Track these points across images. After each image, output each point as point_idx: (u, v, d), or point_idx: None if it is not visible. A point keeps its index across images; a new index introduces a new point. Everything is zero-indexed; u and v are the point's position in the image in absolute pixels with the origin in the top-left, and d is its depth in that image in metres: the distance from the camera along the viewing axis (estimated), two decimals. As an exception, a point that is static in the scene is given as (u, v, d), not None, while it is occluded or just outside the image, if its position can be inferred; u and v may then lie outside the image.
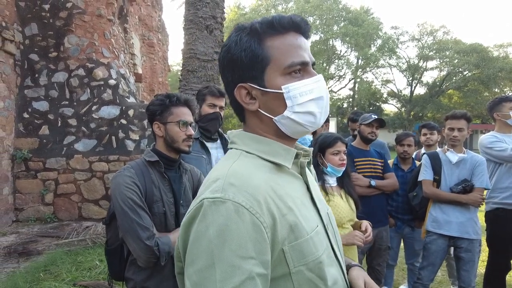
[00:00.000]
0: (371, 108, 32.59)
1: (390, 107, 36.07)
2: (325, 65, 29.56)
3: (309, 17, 27.58)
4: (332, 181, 2.19)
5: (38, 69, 5.49)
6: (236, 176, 0.68)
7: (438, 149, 2.92)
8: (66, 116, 5.42)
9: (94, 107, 5.46)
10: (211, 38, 4.56)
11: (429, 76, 43.52)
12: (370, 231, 2.03)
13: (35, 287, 3.21)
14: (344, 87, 33.89)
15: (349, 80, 32.54)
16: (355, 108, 28.74)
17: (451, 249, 2.88)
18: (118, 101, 5.50)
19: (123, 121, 5.41)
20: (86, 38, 5.63)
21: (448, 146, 2.71)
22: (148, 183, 1.51)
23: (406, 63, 31.13)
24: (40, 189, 5.29)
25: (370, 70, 31.23)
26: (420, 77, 31.57)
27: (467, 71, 28.30)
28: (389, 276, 3.28)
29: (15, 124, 5.31)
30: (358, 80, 30.58)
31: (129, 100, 5.64)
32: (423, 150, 3.68)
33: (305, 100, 0.73)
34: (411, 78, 31.35)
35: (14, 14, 5.37)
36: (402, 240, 3.26)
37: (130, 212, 1.40)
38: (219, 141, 2.35)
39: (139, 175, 1.50)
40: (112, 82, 5.55)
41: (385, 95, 33.87)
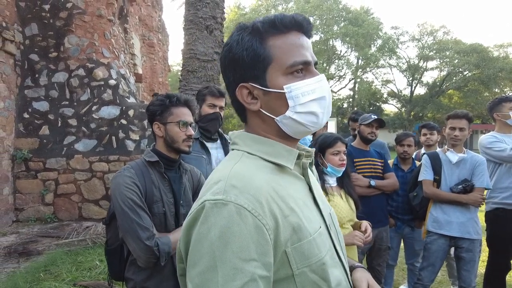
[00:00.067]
0: (371, 108, 32.59)
1: (390, 107, 36.14)
2: (325, 65, 29.54)
3: (309, 17, 27.50)
4: (332, 181, 2.19)
5: (38, 69, 5.49)
6: (238, 177, 0.68)
7: (438, 149, 2.92)
8: (66, 116, 5.43)
9: (94, 107, 5.46)
10: (211, 39, 4.56)
11: (429, 76, 43.52)
12: (370, 231, 2.03)
13: (35, 287, 3.21)
14: (344, 87, 33.91)
15: (349, 80, 32.57)
16: (355, 108, 28.71)
17: (452, 249, 2.88)
18: (118, 101, 5.50)
19: (123, 121, 5.42)
20: (86, 38, 5.63)
21: (448, 146, 2.71)
22: (148, 183, 1.51)
23: (406, 63, 31.13)
24: (40, 189, 5.30)
25: (370, 70, 31.23)
26: (420, 77, 31.57)
27: (467, 71, 28.29)
28: (389, 276, 3.27)
29: (15, 124, 5.31)
30: (358, 80, 30.56)
31: (129, 100, 5.65)
32: (423, 150, 3.68)
33: (307, 100, 0.72)
34: (411, 78, 31.35)
35: (14, 14, 5.37)
36: (402, 240, 3.25)
37: (130, 212, 1.40)
38: (219, 141, 2.35)
39: (139, 175, 1.50)
40: (112, 82, 5.56)
41: (385, 95, 33.89)
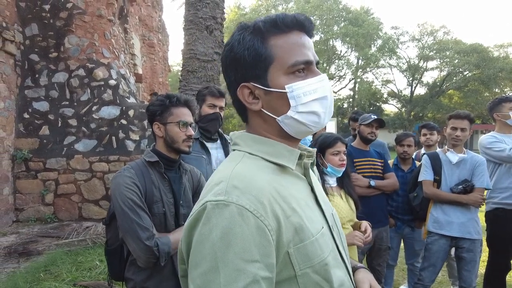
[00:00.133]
0: (371, 108, 32.59)
1: (390, 107, 36.12)
2: (325, 65, 29.54)
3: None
4: (332, 181, 2.19)
5: (39, 69, 5.50)
6: (239, 178, 0.67)
7: (438, 150, 2.92)
8: (66, 116, 5.43)
9: (94, 108, 5.46)
10: (211, 39, 4.56)
11: (430, 76, 43.65)
12: (369, 231, 2.03)
13: (35, 287, 3.21)
14: (344, 87, 33.88)
15: (349, 80, 32.54)
16: (355, 109, 28.70)
17: (452, 250, 2.88)
18: (118, 101, 5.50)
19: (123, 122, 5.42)
20: (86, 39, 5.63)
21: (448, 146, 2.71)
22: (148, 184, 1.51)
23: (406, 63, 31.11)
24: (40, 189, 5.30)
25: (370, 70, 31.21)
26: (421, 77, 31.55)
27: (467, 71, 28.27)
28: (389, 276, 3.27)
29: (15, 125, 5.31)
30: (359, 80, 30.55)
31: (129, 101, 5.65)
32: (423, 150, 3.68)
33: (309, 100, 0.72)
34: (411, 78, 31.33)
35: (15, 15, 5.37)
36: (402, 240, 3.26)
37: (130, 212, 1.41)
38: (219, 141, 2.36)
39: (139, 176, 1.50)
40: (112, 82, 5.56)
41: (385, 95, 33.87)
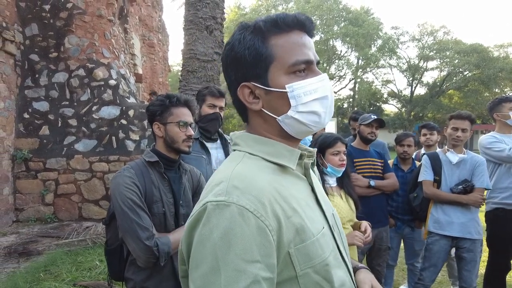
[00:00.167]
0: (371, 108, 32.59)
1: (391, 107, 36.13)
2: (325, 65, 29.54)
3: (310, 17, 27.55)
4: (332, 181, 2.19)
5: (39, 69, 5.50)
6: (239, 178, 0.67)
7: (438, 150, 2.92)
8: (66, 116, 5.43)
9: (94, 108, 5.46)
10: (211, 39, 4.55)
11: (430, 76, 43.68)
12: (369, 231, 2.03)
13: (35, 287, 3.21)
14: (345, 87, 33.89)
15: (350, 81, 32.56)
16: (355, 108, 28.71)
17: (452, 250, 2.88)
18: (118, 101, 5.50)
19: (123, 122, 5.42)
20: (86, 39, 5.63)
21: (448, 146, 2.71)
22: (148, 184, 1.51)
23: (406, 63, 31.13)
24: (40, 189, 5.30)
25: (370, 71, 31.23)
26: (421, 77, 31.56)
27: (467, 71, 28.27)
28: (389, 276, 3.28)
29: (15, 125, 5.31)
30: (359, 80, 30.56)
31: (129, 101, 5.65)
32: (423, 150, 3.68)
33: (309, 100, 0.72)
34: (411, 78, 31.34)
35: (15, 15, 5.37)
36: (402, 240, 3.26)
37: (130, 212, 1.41)
38: (219, 141, 2.36)
39: (138, 176, 1.50)
40: (112, 82, 5.56)
41: (385, 96, 33.88)
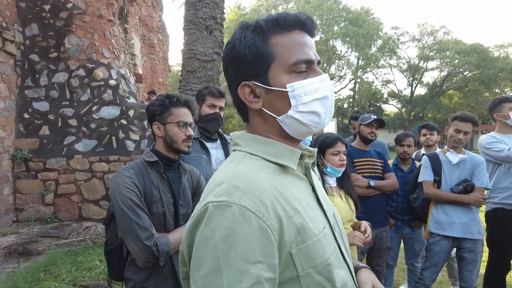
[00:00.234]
0: (371, 108, 32.59)
1: (391, 108, 36.13)
2: (325, 65, 29.54)
3: (310, 17, 27.57)
4: (331, 181, 2.19)
5: (39, 69, 5.50)
6: (240, 178, 0.67)
7: (438, 150, 2.92)
8: (66, 116, 5.43)
9: (94, 108, 5.46)
10: (211, 39, 4.55)
11: (430, 77, 43.77)
12: (369, 231, 2.03)
13: (35, 287, 3.21)
14: (345, 87, 33.89)
15: (350, 81, 32.56)
16: (355, 109, 28.72)
17: (453, 250, 2.87)
18: (118, 101, 5.50)
19: (124, 122, 5.42)
20: (86, 39, 5.64)
21: (448, 146, 2.71)
22: (148, 184, 1.51)
23: (406, 64, 31.15)
24: (41, 189, 5.30)
25: (370, 71, 31.24)
26: (421, 78, 31.57)
27: (467, 72, 28.28)
28: (389, 276, 3.27)
29: (15, 125, 5.32)
30: (359, 80, 30.56)
31: (129, 101, 5.65)
32: (423, 150, 3.68)
33: (310, 100, 0.71)
34: (411, 78, 31.35)
35: (15, 15, 5.37)
36: (402, 240, 3.25)
37: (129, 212, 1.41)
38: (219, 141, 2.36)
39: (138, 176, 1.50)
40: (112, 82, 5.56)
41: (385, 96, 33.89)
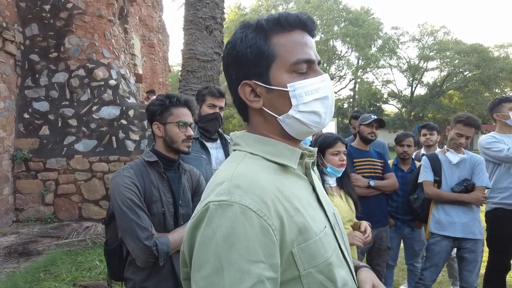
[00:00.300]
0: (371, 108, 32.58)
1: (391, 108, 36.12)
2: (325, 65, 29.53)
3: (310, 18, 27.60)
4: (331, 181, 2.19)
5: (39, 69, 5.50)
6: (241, 178, 0.66)
7: (438, 150, 2.92)
8: (66, 116, 5.43)
9: (94, 108, 5.46)
10: (211, 39, 4.55)
11: (430, 77, 43.73)
12: (369, 231, 2.03)
13: (35, 287, 3.21)
14: (345, 87, 33.88)
15: (350, 81, 32.55)
16: (355, 109, 28.71)
17: (453, 250, 2.87)
18: (118, 101, 5.50)
19: (124, 122, 5.42)
20: (86, 39, 5.64)
21: (448, 147, 2.70)
22: (147, 183, 1.51)
23: (406, 64, 31.14)
24: (41, 189, 5.30)
25: (370, 71, 31.23)
26: (421, 78, 31.57)
27: (467, 72, 28.28)
28: (389, 276, 3.27)
29: (15, 125, 5.32)
30: (359, 80, 30.56)
31: (129, 101, 5.65)
32: (422, 150, 3.68)
33: (310, 99, 0.72)
34: (411, 78, 31.35)
35: (15, 15, 5.38)
36: (402, 240, 3.25)
37: (129, 212, 1.41)
38: (219, 141, 2.36)
39: (138, 176, 1.50)
40: (112, 82, 5.56)
41: (385, 96, 33.88)
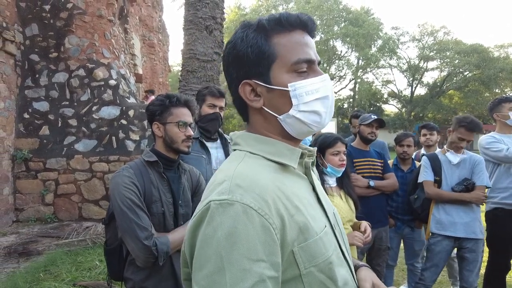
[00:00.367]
0: (371, 108, 32.57)
1: (391, 108, 36.12)
2: (325, 65, 29.53)
3: (310, 18, 27.62)
4: (331, 181, 2.19)
5: (39, 69, 5.50)
6: (242, 177, 0.67)
7: (438, 150, 2.92)
8: (66, 116, 5.43)
9: (94, 108, 5.46)
10: (211, 39, 4.55)
11: (430, 77, 43.72)
12: (369, 231, 2.03)
13: (35, 287, 3.21)
14: (345, 87, 33.88)
15: (350, 81, 32.56)
16: (355, 109, 28.71)
17: (453, 250, 2.87)
18: (118, 101, 5.50)
19: (123, 122, 5.42)
20: (86, 39, 5.64)
21: (448, 147, 2.71)
22: (147, 183, 1.51)
23: (406, 64, 31.17)
24: (41, 189, 5.30)
25: (370, 71, 31.26)
26: (421, 78, 31.58)
27: (467, 72, 28.30)
28: (389, 276, 3.27)
29: (15, 125, 5.32)
30: (359, 80, 30.56)
31: (129, 101, 5.65)
32: (422, 150, 3.68)
33: (311, 99, 0.72)
34: (411, 78, 31.36)
35: (15, 15, 5.38)
36: (402, 240, 3.25)
37: (129, 212, 1.41)
38: (219, 141, 2.36)
39: (138, 175, 1.51)
40: (112, 82, 5.56)
41: (385, 96, 33.89)
